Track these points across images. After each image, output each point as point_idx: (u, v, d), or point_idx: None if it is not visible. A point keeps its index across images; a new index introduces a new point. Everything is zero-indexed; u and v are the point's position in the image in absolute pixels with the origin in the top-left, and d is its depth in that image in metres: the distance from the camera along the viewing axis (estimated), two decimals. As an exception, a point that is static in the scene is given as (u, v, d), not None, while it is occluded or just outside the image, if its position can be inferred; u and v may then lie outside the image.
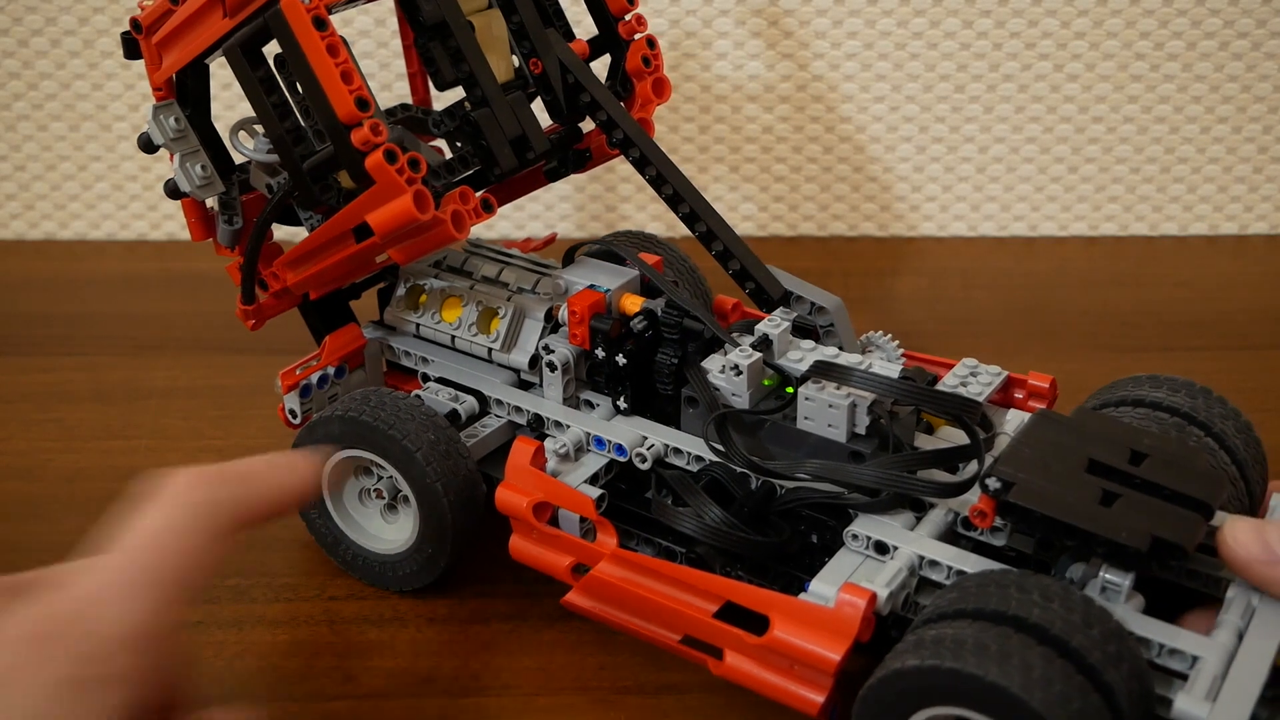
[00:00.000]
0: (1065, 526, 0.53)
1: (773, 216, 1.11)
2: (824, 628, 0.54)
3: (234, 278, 0.71)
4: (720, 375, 0.63)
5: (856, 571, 0.56)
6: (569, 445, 0.64)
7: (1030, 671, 0.47)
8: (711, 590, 0.58)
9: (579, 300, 0.65)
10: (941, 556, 0.56)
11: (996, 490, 0.54)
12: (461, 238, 0.61)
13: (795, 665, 0.55)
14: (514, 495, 0.62)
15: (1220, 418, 0.64)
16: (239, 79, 0.62)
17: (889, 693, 0.50)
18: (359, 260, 0.64)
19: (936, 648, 0.49)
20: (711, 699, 0.61)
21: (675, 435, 0.64)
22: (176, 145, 0.66)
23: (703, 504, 0.60)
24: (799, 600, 0.55)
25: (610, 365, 0.65)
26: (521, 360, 0.68)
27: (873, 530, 0.57)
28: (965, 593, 0.52)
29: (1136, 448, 0.57)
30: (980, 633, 0.49)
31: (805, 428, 0.60)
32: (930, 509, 0.59)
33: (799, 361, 0.63)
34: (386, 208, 0.60)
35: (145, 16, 0.66)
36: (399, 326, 0.73)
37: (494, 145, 0.65)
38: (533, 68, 0.68)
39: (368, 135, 0.58)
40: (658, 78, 0.75)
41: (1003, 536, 0.58)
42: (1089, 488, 0.55)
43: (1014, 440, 0.57)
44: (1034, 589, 0.51)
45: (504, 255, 0.75)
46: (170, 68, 0.66)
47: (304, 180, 0.62)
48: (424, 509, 0.63)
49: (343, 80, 0.58)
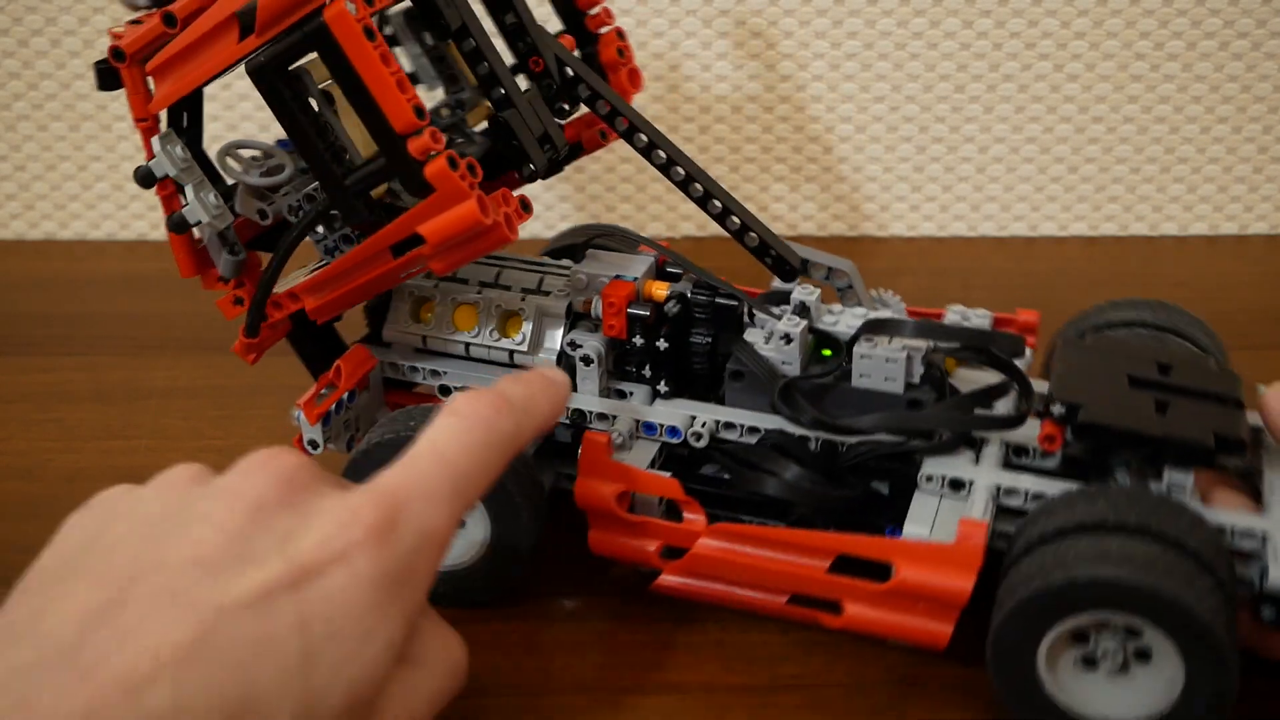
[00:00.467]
0: (1138, 435, 0.58)
1: (773, 216, 1.11)
2: (948, 563, 0.57)
3: (225, 313, 0.68)
4: (768, 346, 0.65)
5: (939, 510, 0.60)
6: (624, 434, 0.64)
7: (1185, 578, 0.52)
8: (825, 547, 0.60)
9: (614, 290, 0.65)
10: (1019, 484, 0.60)
11: (1063, 415, 0.59)
12: (514, 239, 0.61)
13: (920, 603, 0.58)
14: (596, 488, 0.62)
15: (1188, 324, 0.71)
16: (269, 99, 0.59)
17: (1052, 600, 0.54)
18: (392, 277, 0.63)
19: (1138, 566, 0.52)
20: (711, 699, 0.61)
21: (723, 411, 0.66)
22: (187, 176, 0.63)
23: (783, 467, 0.62)
24: (918, 542, 0.58)
25: (651, 351, 0.66)
26: (548, 360, 0.68)
27: (945, 469, 0.61)
28: (1076, 509, 0.56)
29: (1159, 360, 0.63)
30: (1131, 545, 0.53)
31: (862, 385, 0.63)
32: (984, 446, 0.63)
33: (834, 325, 0.66)
34: (446, 215, 0.58)
35: (131, 43, 0.62)
36: (402, 341, 0.71)
37: (527, 145, 0.65)
38: (533, 66, 0.68)
39: (428, 143, 0.57)
40: (631, 68, 0.74)
41: (1054, 461, 0.62)
42: (1141, 400, 0.60)
43: (1056, 370, 0.62)
44: (1140, 499, 0.55)
45: (494, 259, 0.73)
46: (169, 96, 0.62)
47: (348, 198, 0.61)
48: (500, 526, 0.63)
49: (399, 89, 0.56)
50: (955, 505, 0.61)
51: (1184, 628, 0.52)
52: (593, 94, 0.68)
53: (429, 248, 0.60)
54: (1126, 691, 0.55)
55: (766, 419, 0.65)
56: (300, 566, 0.45)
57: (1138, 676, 0.55)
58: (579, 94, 0.69)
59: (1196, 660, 0.53)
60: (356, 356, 0.69)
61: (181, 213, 0.64)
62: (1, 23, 1.05)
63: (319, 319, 0.67)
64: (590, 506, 0.63)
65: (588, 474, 0.63)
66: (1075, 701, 0.56)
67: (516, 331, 0.68)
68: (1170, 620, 0.52)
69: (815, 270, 0.70)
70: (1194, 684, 0.53)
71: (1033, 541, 0.56)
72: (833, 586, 0.60)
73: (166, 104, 0.63)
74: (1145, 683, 0.55)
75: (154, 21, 0.61)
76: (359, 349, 0.70)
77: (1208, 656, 0.52)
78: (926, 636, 0.59)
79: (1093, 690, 0.56)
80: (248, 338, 0.67)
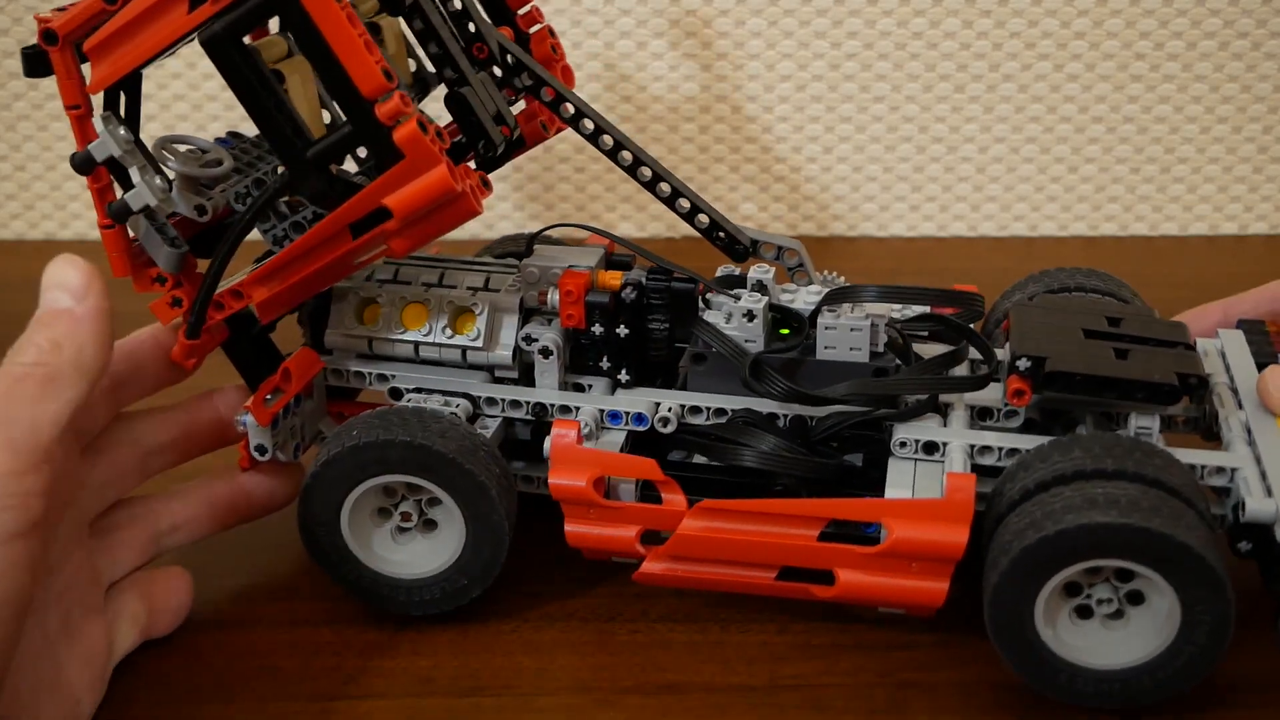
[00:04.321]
0: (1106, 380, 0.59)
1: (773, 216, 1.11)
2: (940, 518, 0.57)
3: (161, 316, 0.64)
4: (730, 325, 0.65)
5: (916, 473, 0.61)
6: (590, 425, 0.64)
7: (1188, 525, 0.54)
8: (815, 514, 0.60)
9: (570, 280, 0.65)
10: (992, 441, 0.61)
11: (1028, 368, 0.60)
12: (481, 212, 0.59)
13: (914, 563, 0.58)
14: (569, 478, 0.62)
15: (1119, 287, 0.73)
16: (226, 71, 0.57)
17: (1047, 552, 0.54)
18: (349, 260, 0.62)
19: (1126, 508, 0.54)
20: (711, 699, 0.61)
21: (686, 395, 0.65)
22: (132, 159, 0.59)
23: (759, 439, 0.62)
24: (908, 500, 0.58)
25: (611, 340, 0.65)
26: (505, 355, 0.67)
27: (917, 434, 0.62)
28: (1053, 461, 0.57)
29: (1108, 314, 0.65)
30: (1114, 490, 0.55)
31: (826, 356, 0.64)
32: (949, 410, 0.64)
33: (792, 301, 0.66)
34: (415, 184, 0.57)
35: (64, 24, 0.58)
36: (345, 346, 0.68)
37: (484, 121, 0.64)
38: (477, 53, 0.66)
39: (398, 106, 0.55)
40: (564, 65, 0.73)
41: (1017, 421, 0.64)
42: (1101, 349, 0.62)
43: (1014, 329, 0.63)
44: (1114, 444, 0.57)
45: (435, 261, 0.72)
46: (109, 76, 0.58)
47: (309, 172, 0.59)
48: (475, 537, 0.62)
49: (367, 51, 0.54)
50: (931, 468, 0.61)
51: (1177, 563, 0.53)
52: (536, 81, 0.67)
53: (395, 222, 0.58)
54: (1124, 635, 0.56)
55: (732, 400, 0.65)
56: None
57: (1133, 619, 0.56)
58: (520, 83, 0.67)
59: (1193, 592, 0.54)
60: (305, 359, 0.67)
61: (125, 199, 0.60)
62: (1, 23, 1.05)
63: (265, 316, 0.64)
64: (565, 497, 0.62)
65: (560, 463, 0.62)
66: (1078, 653, 0.56)
67: (468, 328, 0.67)
68: (1164, 557, 0.53)
69: (765, 250, 0.70)
70: (1193, 616, 0.54)
71: (1014, 498, 0.57)
72: (824, 554, 0.60)
73: (107, 84, 0.59)
74: (1142, 624, 0.56)
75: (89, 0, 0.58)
76: (307, 351, 0.67)
77: (1204, 587, 0.54)
78: (923, 596, 0.59)
79: (1093, 639, 0.57)
80: (189, 339, 0.64)
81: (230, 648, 0.64)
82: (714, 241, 0.69)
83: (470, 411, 0.66)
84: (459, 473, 0.61)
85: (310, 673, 0.62)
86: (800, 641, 0.64)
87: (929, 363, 0.64)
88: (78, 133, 0.61)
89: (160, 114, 1.07)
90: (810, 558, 0.60)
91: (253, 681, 0.62)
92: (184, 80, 1.06)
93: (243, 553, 0.70)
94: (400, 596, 0.64)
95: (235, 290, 0.63)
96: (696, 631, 0.65)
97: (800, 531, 0.60)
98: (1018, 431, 0.64)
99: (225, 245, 0.61)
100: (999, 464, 0.61)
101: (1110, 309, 0.67)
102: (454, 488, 0.61)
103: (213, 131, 1.07)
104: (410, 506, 0.63)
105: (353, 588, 0.64)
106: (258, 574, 0.69)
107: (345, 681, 0.62)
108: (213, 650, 0.64)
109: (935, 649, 0.63)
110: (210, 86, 1.07)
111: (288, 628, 0.65)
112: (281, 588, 0.68)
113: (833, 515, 0.60)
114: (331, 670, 0.63)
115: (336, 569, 0.64)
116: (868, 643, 0.63)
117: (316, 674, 0.62)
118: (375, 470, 0.61)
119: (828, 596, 0.61)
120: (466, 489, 0.61)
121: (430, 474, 0.61)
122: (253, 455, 0.65)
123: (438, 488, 0.61)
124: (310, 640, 0.64)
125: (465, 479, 0.61)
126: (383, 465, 0.61)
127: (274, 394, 0.65)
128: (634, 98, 1.06)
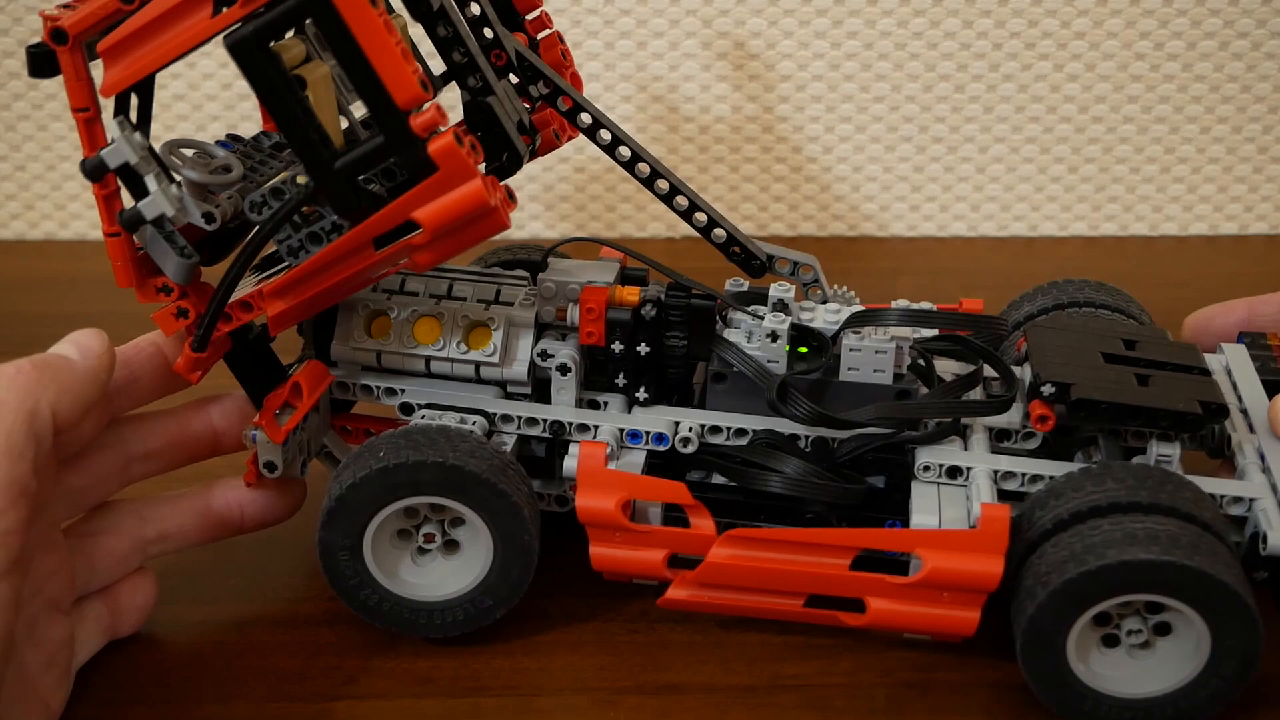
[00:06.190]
0: (1131, 409, 0.59)
1: (773, 216, 1.11)
2: (973, 549, 0.57)
3: (165, 327, 0.62)
4: (751, 344, 0.64)
5: (942, 496, 0.61)
6: (612, 444, 0.63)
7: (1225, 562, 0.54)
8: (846, 543, 0.60)
9: (592, 296, 0.64)
10: (1016, 467, 0.61)
11: (1053, 394, 0.60)
12: (509, 226, 0.58)
13: (946, 593, 0.58)
14: (598, 500, 0.60)
15: (1128, 303, 0.73)
16: (253, 77, 0.54)
17: (1087, 586, 0.55)
18: (370, 273, 0.60)
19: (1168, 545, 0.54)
20: (711, 699, 0.61)
21: (706, 415, 0.65)
22: (147, 166, 0.57)
23: (784, 463, 0.62)
24: (943, 531, 0.58)
25: (631, 357, 0.65)
26: (520, 371, 0.65)
27: (941, 458, 0.61)
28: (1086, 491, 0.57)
29: (1125, 337, 0.65)
30: (1153, 525, 0.55)
31: (849, 378, 0.63)
32: (969, 432, 0.63)
33: (812, 320, 0.66)
34: (449, 197, 0.55)
35: (75, 23, 0.55)
36: (352, 359, 0.67)
37: (510, 131, 0.62)
38: (495, 60, 0.65)
39: (434, 118, 0.53)
40: (573, 72, 0.73)
41: (1035, 443, 0.64)
42: (1123, 375, 0.62)
43: (1033, 351, 0.63)
44: (1149, 477, 0.57)
45: (443, 271, 0.70)
46: (125, 79, 0.56)
47: (338, 183, 0.56)
48: (504, 558, 0.61)
49: (403, 60, 0.52)
50: (955, 492, 0.61)
51: (1213, 598, 0.54)
52: (554, 90, 0.66)
53: (423, 235, 0.56)
54: (1151, 665, 0.57)
55: (753, 420, 0.64)
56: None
57: (1160, 650, 0.56)
58: (537, 91, 0.66)
59: (1225, 626, 0.54)
60: (315, 372, 0.65)
61: (139, 208, 0.58)
62: (1, 23, 1.05)
63: (276, 329, 0.62)
64: (592, 520, 0.61)
65: (588, 486, 0.60)
66: (1104, 682, 0.57)
67: (483, 343, 0.65)
68: (1201, 593, 0.54)
69: (781, 265, 0.70)
70: (1223, 649, 0.55)
71: (1047, 527, 0.57)
72: (857, 584, 0.60)
73: (121, 88, 0.56)
74: (1169, 655, 0.56)
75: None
76: (316, 364, 0.65)
77: (1237, 621, 0.54)
78: (954, 625, 0.59)
79: (1119, 668, 0.57)
80: (195, 352, 0.61)
81: (230, 648, 0.64)
82: (730, 257, 0.69)
83: (486, 429, 0.65)
84: (493, 493, 0.59)
85: (310, 673, 0.62)
86: (800, 641, 0.64)
87: (951, 385, 0.64)
88: (85, 137, 0.58)
89: (161, 114, 1.07)
90: (843, 587, 0.60)
91: (253, 681, 0.62)
92: (183, 80, 1.06)
93: (243, 552, 0.69)
94: (422, 620, 0.62)
95: (245, 301, 0.61)
96: (696, 631, 0.65)
97: (832, 561, 0.60)
98: (1034, 451, 0.64)
99: (242, 257, 0.59)
100: (1022, 489, 0.61)
101: (1125, 330, 0.67)
102: (486, 509, 0.60)
103: (212, 132, 1.07)
104: (433, 528, 0.62)
105: (372, 614, 0.63)
106: (258, 574, 0.69)
107: (345, 681, 0.62)
108: (213, 650, 0.64)
109: (935, 649, 0.63)
110: (210, 87, 1.07)
111: (288, 628, 0.65)
112: (282, 588, 0.68)
113: (866, 545, 0.59)
114: (331, 670, 0.63)
115: (355, 595, 0.62)
116: (868, 643, 0.63)
117: (316, 674, 0.62)
118: (405, 492, 0.60)
119: (858, 625, 0.60)
120: (499, 510, 0.60)
121: (462, 495, 0.60)
122: (261, 472, 0.63)
123: (469, 509, 0.60)
124: (310, 640, 0.64)
125: (499, 500, 0.60)
126: (414, 488, 0.60)
127: (284, 409, 0.63)
128: (634, 98, 1.06)
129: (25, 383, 0.53)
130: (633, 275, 0.69)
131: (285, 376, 0.65)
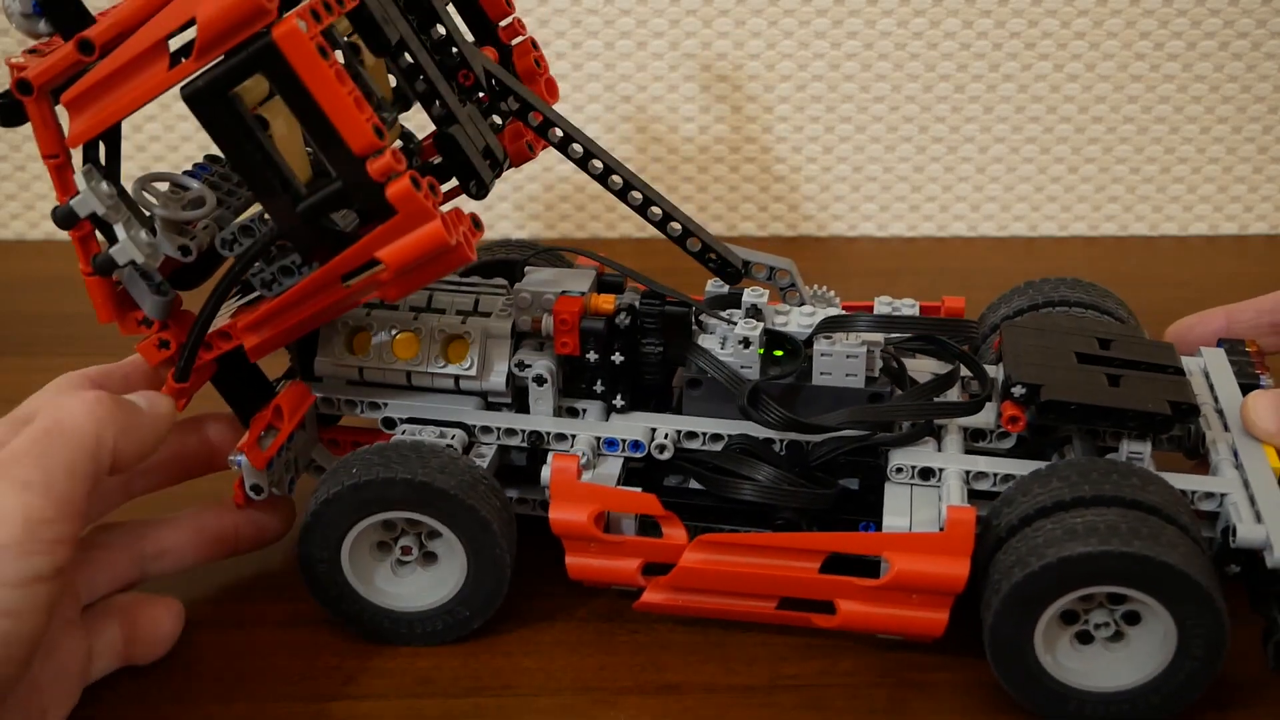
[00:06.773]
0: (1100, 410, 0.60)
1: (773, 216, 1.11)
2: (940, 551, 0.58)
3: (148, 358, 0.63)
4: (724, 350, 0.64)
5: (914, 499, 0.61)
6: (587, 454, 0.63)
7: (1169, 542, 0.54)
8: (814, 547, 0.60)
9: (565, 307, 0.64)
10: (988, 467, 0.61)
11: (1023, 395, 0.60)
12: (474, 259, 0.59)
13: (914, 595, 0.58)
14: (570, 513, 0.61)
15: (1103, 297, 0.73)
16: (211, 126, 0.55)
17: (1035, 588, 0.55)
18: (342, 305, 0.61)
19: (1106, 535, 0.54)
20: (711, 699, 0.61)
21: (682, 420, 0.65)
22: (115, 214, 0.58)
23: (757, 469, 0.62)
24: (909, 534, 0.58)
25: (607, 365, 0.65)
26: (498, 383, 0.66)
27: (913, 459, 0.62)
28: (1033, 493, 0.57)
29: (1099, 336, 0.65)
30: (1093, 517, 0.55)
31: (823, 382, 0.63)
32: (943, 433, 0.64)
33: (786, 325, 0.66)
34: (409, 238, 0.56)
35: (39, 74, 0.56)
36: (335, 375, 0.68)
37: (474, 160, 0.62)
38: (463, 80, 0.65)
39: (390, 164, 0.54)
40: (548, 78, 0.72)
41: (1009, 442, 0.64)
42: (1094, 376, 0.62)
43: (1007, 352, 0.64)
44: (1094, 470, 0.57)
45: None
46: (89, 130, 0.57)
47: (299, 227, 0.57)
48: (477, 570, 0.62)
49: (357, 108, 0.53)
50: (927, 493, 0.61)
51: (1162, 581, 0.54)
52: (524, 105, 0.66)
53: (388, 273, 0.57)
54: (1127, 656, 0.57)
55: (729, 425, 0.65)
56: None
57: (1133, 640, 0.56)
58: (507, 107, 0.66)
59: (1183, 608, 0.54)
60: (296, 394, 0.66)
61: (110, 253, 0.59)
62: (1, 23, 1.05)
63: (255, 356, 0.63)
64: (566, 532, 0.62)
65: (561, 499, 0.61)
66: (1084, 679, 0.57)
67: (461, 357, 0.66)
68: (1148, 578, 0.54)
69: (757, 270, 0.70)
70: (1187, 631, 0.55)
71: (1001, 534, 0.57)
72: (826, 586, 0.60)
73: (88, 138, 0.57)
74: (1142, 644, 0.56)
75: (66, 49, 0.56)
76: (297, 385, 0.66)
77: (1193, 602, 0.54)
78: (923, 626, 0.59)
79: (1097, 663, 0.57)
80: (178, 383, 0.63)
81: (230, 648, 0.64)
82: (706, 264, 0.69)
83: (465, 441, 0.65)
84: (461, 508, 0.60)
85: (310, 673, 0.62)
86: (800, 641, 0.64)
87: (924, 387, 0.64)
88: (57, 183, 0.59)
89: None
90: (812, 589, 0.60)
91: (252, 681, 0.62)
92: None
93: (243, 553, 0.70)
94: (403, 629, 0.63)
95: (224, 331, 0.62)
96: (696, 631, 0.65)
97: (802, 564, 0.60)
98: (1010, 450, 0.64)
99: (217, 292, 0.61)
100: (994, 489, 0.61)
101: (1100, 329, 0.67)
102: (456, 523, 0.61)
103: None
104: (410, 540, 0.63)
105: (354, 622, 0.64)
106: (257, 574, 0.69)
107: (345, 682, 0.62)
108: (213, 650, 0.64)
109: (935, 649, 0.63)
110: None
111: (288, 628, 0.65)
112: (282, 588, 0.68)
113: (834, 549, 0.60)
114: (331, 670, 0.63)
115: (337, 605, 0.63)
116: (868, 643, 0.63)
117: (316, 674, 0.62)
118: (376, 508, 0.61)
119: (829, 626, 0.61)
120: (469, 524, 0.61)
121: (432, 510, 0.61)
122: (249, 494, 0.64)
123: (440, 523, 0.61)
124: (310, 640, 0.64)
125: (467, 515, 0.60)
126: (384, 503, 0.61)
127: (267, 432, 0.64)
128: (634, 97, 1.06)
129: (101, 413, 0.55)
130: (610, 282, 0.69)
131: (274, 393, 0.66)
